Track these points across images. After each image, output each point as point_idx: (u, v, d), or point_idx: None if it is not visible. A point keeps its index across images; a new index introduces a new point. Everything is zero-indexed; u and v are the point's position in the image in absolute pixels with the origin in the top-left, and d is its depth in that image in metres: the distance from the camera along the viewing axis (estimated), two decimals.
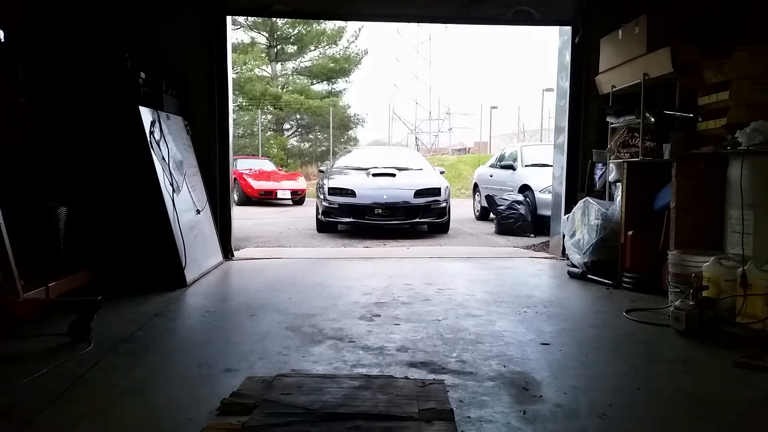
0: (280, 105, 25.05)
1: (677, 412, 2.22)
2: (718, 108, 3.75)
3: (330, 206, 7.94)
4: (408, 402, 2.14)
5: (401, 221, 7.88)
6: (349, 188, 8.00)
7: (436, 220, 8.03)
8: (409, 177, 8.49)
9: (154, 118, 4.34)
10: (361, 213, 7.80)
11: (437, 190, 8.11)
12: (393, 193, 7.93)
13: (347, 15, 6.00)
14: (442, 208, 8.05)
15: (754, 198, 3.40)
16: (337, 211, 7.90)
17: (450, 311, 3.62)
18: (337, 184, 8.13)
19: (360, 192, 7.92)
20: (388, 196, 7.84)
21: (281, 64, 26.78)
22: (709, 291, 3.27)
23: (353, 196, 7.88)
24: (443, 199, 8.08)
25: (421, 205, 7.90)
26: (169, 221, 4.16)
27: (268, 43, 25.70)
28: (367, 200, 7.83)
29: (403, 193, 7.96)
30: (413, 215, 7.88)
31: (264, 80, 25.32)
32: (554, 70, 5.74)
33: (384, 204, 7.81)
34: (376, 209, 7.82)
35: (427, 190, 8.06)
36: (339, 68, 26.02)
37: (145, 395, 2.29)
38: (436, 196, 8.04)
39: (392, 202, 7.84)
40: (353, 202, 7.84)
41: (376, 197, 7.85)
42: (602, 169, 5.21)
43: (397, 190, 8.00)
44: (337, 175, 8.55)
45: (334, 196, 7.96)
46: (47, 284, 3.19)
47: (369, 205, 7.81)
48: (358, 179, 8.33)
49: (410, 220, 7.89)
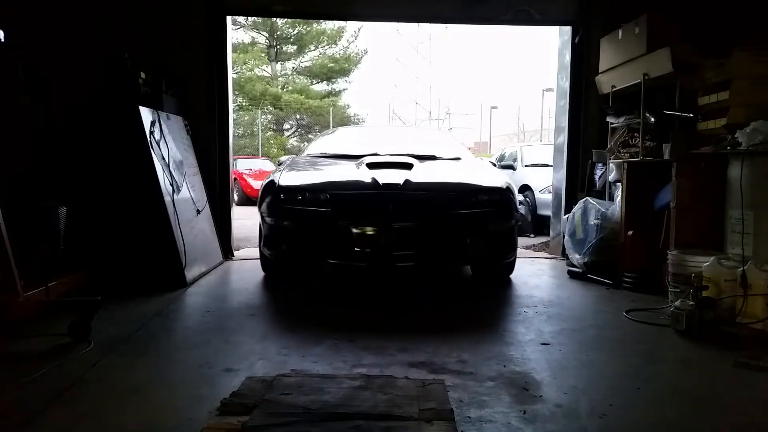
0: (280, 105, 25.04)
1: (677, 412, 2.21)
2: (718, 108, 3.75)
3: (277, 227, 4.04)
4: (408, 402, 2.14)
5: (425, 259, 3.95)
6: (319, 192, 4.01)
7: (493, 253, 4.12)
8: (439, 171, 4.53)
9: (154, 118, 4.34)
10: (343, 245, 3.86)
11: (494, 195, 4.11)
12: (409, 200, 3.94)
13: (347, 15, 5.99)
14: (506, 232, 4.15)
15: (754, 198, 3.40)
16: (293, 238, 3.96)
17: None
18: (294, 183, 4.16)
19: (340, 199, 3.96)
20: (397, 207, 3.87)
21: (281, 63, 26.78)
22: (709, 291, 3.27)
23: (326, 206, 3.92)
24: (506, 212, 4.13)
25: (464, 223, 3.95)
26: (169, 221, 4.15)
27: (268, 43, 25.69)
28: (355, 216, 3.88)
29: (427, 201, 4.00)
30: (452, 246, 3.95)
31: (264, 80, 25.30)
32: (554, 70, 5.74)
33: (388, 224, 3.83)
34: (374, 235, 3.85)
35: (475, 193, 4.08)
36: (339, 68, 26.01)
37: (145, 395, 2.29)
38: (493, 206, 4.07)
39: (407, 218, 3.86)
40: (326, 221, 3.88)
41: (373, 209, 3.91)
42: (602, 169, 5.20)
43: (417, 194, 4.00)
44: (300, 170, 4.56)
45: (288, 207, 4.00)
46: (47, 284, 3.18)
47: (357, 228, 3.84)
48: (340, 175, 4.34)
49: (446, 257, 4.01)
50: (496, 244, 4.11)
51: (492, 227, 4.06)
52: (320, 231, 3.92)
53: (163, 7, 5.11)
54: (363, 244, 3.86)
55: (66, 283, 3.45)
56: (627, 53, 4.63)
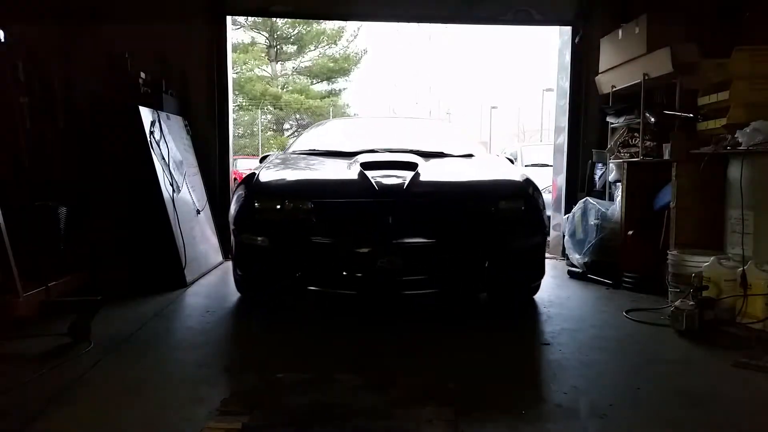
0: (280, 105, 25.06)
1: (677, 412, 2.21)
2: (718, 108, 3.75)
3: (247, 245, 3.37)
4: (409, 401, 2.14)
5: (434, 286, 3.29)
6: (300, 199, 3.32)
7: (518, 279, 3.51)
8: (450, 171, 3.84)
9: (154, 118, 4.34)
10: (327, 267, 3.24)
11: (518, 202, 3.41)
12: (413, 206, 3.27)
13: (347, 15, 5.99)
14: (534, 249, 3.49)
15: (754, 198, 3.40)
16: (267, 259, 3.32)
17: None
18: (270, 188, 3.52)
19: (325, 209, 3.29)
20: (398, 219, 3.19)
21: (281, 63, 26.78)
22: (709, 291, 3.27)
23: (308, 218, 3.25)
24: (534, 223, 3.45)
25: (482, 240, 3.29)
26: (169, 221, 4.15)
27: (268, 43, 25.70)
28: (343, 231, 3.24)
29: (436, 211, 3.30)
30: (465, 271, 3.29)
31: (264, 80, 25.32)
32: (554, 70, 5.74)
33: (385, 241, 3.15)
34: (366, 256, 3.18)
35: (494, 201, 3.35)
36: (339, 68, 26.02)
37: (145, 395, 2.29)
38: (517, 216, 3.38)
39: (409, 232, 3.20)
40: (307, 236, 3.22)
41: (365, 222, 3.25)
42: (602, 169, 5.20)
43: (422, 201, 3.32)
44: (280, 170, 3.82)
45: (261, 218, 3.33)
46: (47, 284, 3.19)
47: (345, 245, 3.22)
48: (327, 177, 3.74)
49: (458, 285, 3.34)
50: (523, 265, 3.36)
51: (517, 244, 3.31)
52: (299, 250, 3.19)
53: (164, 7, 5.11)
54: (352, 266, 3.16)
55: (66, 283, 3.45)
56: (627, 53, 4.63)
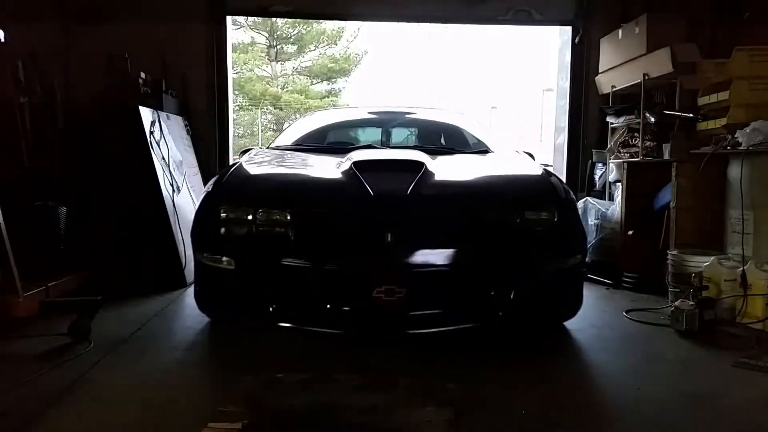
0: (280, 105, 25.04)
1: (677, 412, 2.21)
2: (718, 108, 3.75)
3: (209, 266, 2.71)
4: (409, 399, 2.14)
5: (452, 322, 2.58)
6: (276, 204, 2.66)
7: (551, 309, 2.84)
8: (463, 171, 3.08)
9: (154, 118, 4.34)
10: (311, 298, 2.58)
11: (549, 211, 2.71)
12: (418, 217, 2.59)
13: (347, 15, 5.99)
14: (570, 272, 2.80)
15: (754, 198, 3.40)
16: (235, 282, 2.65)
17: None
18: (239, 194, 2.81)
19: (308, 218, 2.65)
20: (399, 234, 2.50)
21: (281, 63, 26.76)
22: (709, 291, 3.27)
23: (287, 228, 2.60)
24: (570, 238, 2.79)
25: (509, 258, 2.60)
26: (169, 221, 4.15)
27: (268, 43, 25.69)
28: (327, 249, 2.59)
29: (450, 218, 2.64)
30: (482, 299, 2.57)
31: (264, 80, 25.31)
32: (554, 70, 5.75)
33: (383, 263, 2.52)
34: (357, 282, 2.53)
35: (519, 210, 2.67)
36: (339, 68, 25.99)
37: (145, 395, 2.29)
38: (549, 229, 2.70)
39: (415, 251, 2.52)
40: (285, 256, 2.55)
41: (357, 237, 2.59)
42: (602, 169, 5.21)
43: (430, 209, 2.64)
44: (256, 171, 3.16)
45: (227, 233, 2.67)
46: (47, 284, 3.19)
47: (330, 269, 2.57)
48: (312, 179, 3.03)
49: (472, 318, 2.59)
50: (556, 295, 2.70)
51: (550, 266, 2.64)
52: (274, 275, 2.52)
53: (164, 7, 5.11)
54: (338, 296, 2.51)
55: (66, 283, 3.45)
56: (627, 53, 4.63)
